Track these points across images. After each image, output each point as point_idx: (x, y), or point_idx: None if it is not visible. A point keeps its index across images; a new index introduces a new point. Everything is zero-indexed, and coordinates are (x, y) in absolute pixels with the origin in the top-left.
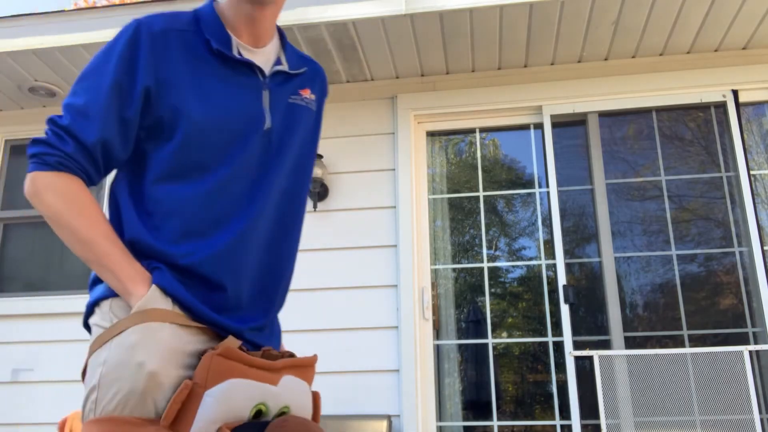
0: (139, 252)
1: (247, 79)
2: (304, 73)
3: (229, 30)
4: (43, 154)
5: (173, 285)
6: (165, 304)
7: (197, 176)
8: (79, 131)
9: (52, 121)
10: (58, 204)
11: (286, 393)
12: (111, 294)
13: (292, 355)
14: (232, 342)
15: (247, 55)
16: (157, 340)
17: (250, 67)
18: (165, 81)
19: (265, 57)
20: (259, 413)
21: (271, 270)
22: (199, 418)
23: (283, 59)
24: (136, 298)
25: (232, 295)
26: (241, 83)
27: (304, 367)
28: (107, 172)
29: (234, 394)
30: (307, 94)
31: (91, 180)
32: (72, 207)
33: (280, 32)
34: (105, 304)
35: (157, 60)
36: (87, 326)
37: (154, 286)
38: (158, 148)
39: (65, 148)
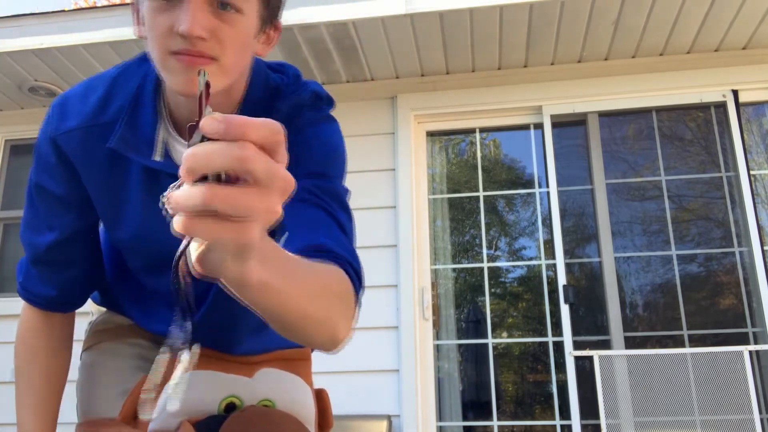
0: None
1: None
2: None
3: (167, 113)
4: None
5: None
6: None
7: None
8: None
9: None
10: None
11: (264, 385)
12: None
13: None
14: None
15: (179, 148)
16: None
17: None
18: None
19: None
20: (231, 407)
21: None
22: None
23: None
24: None
25: None
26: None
27: (294, 361)
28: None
29: (196, 386)
30: None
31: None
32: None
33: (250, 88)
34: None
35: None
36: None
37: None
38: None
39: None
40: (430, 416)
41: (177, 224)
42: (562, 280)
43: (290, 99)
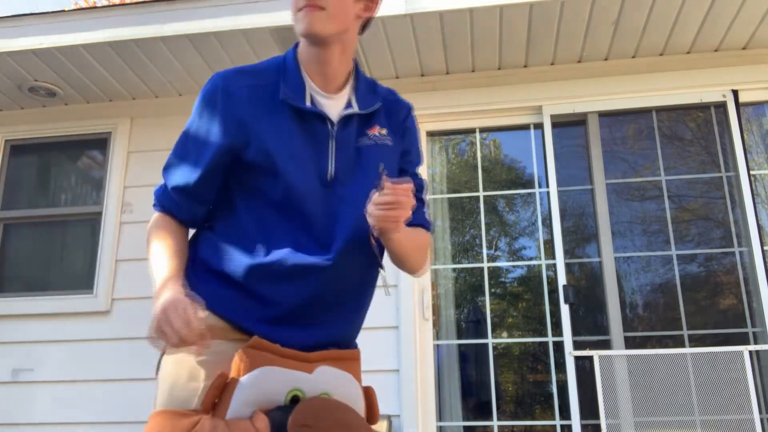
0: None
1: (315, 129)
2: (378, 110)
3: (306, 74)
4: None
5: None
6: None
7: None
8: (166, 180)
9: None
10: (149, 230)
11: (323, 381)
12: None
13: None
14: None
15: (320, 101)
16: None
17: (320, 117)
18: (244, 137)
19: (337, 101)
20: (296, 399)
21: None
22: (234, 402)
23: (354, 101)
24: None
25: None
26: (309, 133)
27: (345, 360)
28: (194, 210)
29: (266, 380)
30: (376, 131)
31: (178, 215)
32: (152, 232)
33: (357, 69)
34: None
35: (232, 118)
36: None
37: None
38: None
39: (156, 193)
40: (430, 416)
41: (390, 213)
42: (562, 280)
43: (391, 96)
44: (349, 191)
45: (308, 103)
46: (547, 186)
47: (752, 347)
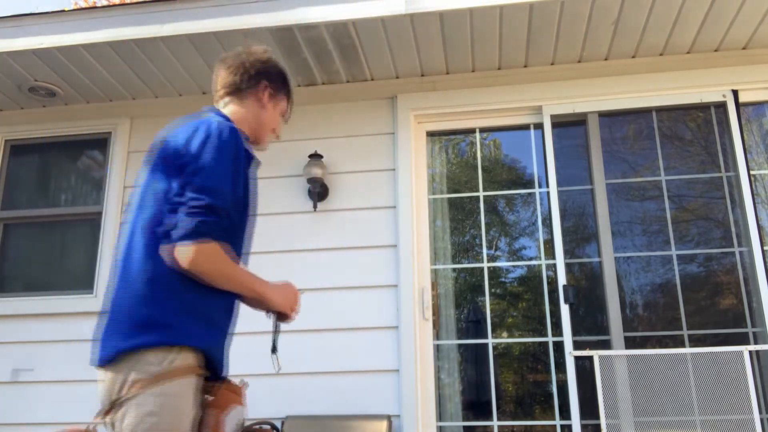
0: None
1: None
2: None
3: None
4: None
5: None
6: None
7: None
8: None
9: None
10: (227, 260)
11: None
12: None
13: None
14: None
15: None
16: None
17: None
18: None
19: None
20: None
21: None
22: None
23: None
24: None
25: None
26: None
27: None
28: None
29: (236, 416)
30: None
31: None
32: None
33: None
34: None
35: (247, 179)
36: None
37: None
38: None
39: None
40: (430, 416)
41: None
42: (562, 280)
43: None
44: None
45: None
46: (547, 186)
47: (752, 347)
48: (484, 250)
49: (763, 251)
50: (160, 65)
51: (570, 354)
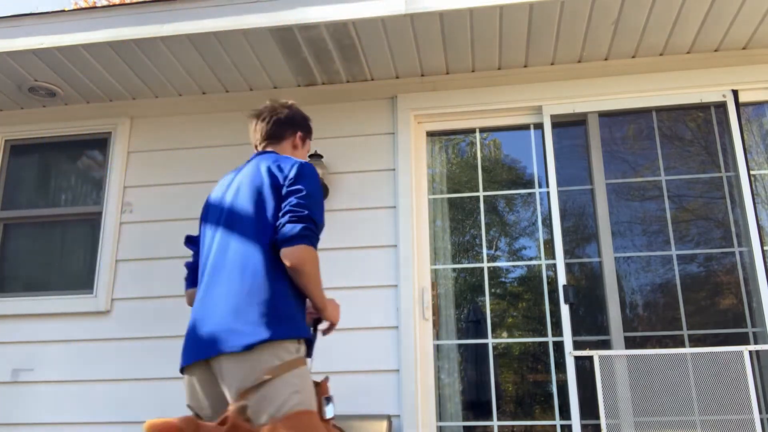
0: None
1: None
2: None
3: None
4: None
5: None
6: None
7: None
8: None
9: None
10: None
11: None
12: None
13: None
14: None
15: None
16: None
17: None
18: None
19: None
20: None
21: None
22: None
23: None
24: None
25: None
26: None
27: None
28: None
29: (330, 400)
30: None
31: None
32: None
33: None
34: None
35: None
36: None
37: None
38: None
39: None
40: (430, 416)
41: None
42: (562, 280)
43: None
44: None
45: None
46: (547, 186)
47: (752, 347)
48: (484, 250)
49: (763, 251)
50: (160, 65)
51: (570, 354)
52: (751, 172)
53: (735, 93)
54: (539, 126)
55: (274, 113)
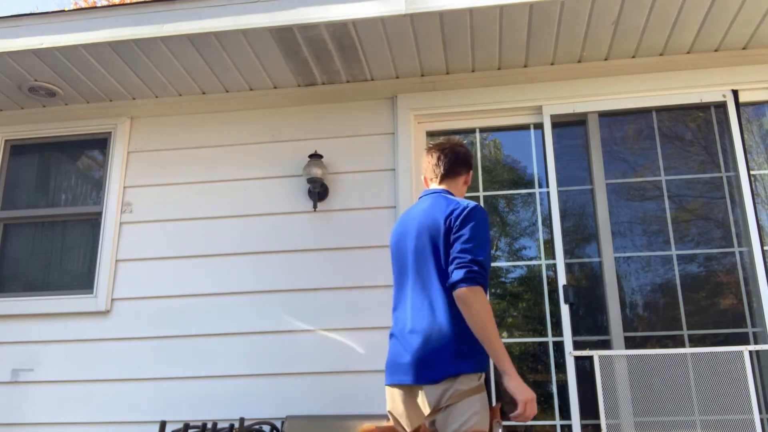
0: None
1: None
2: None
3: None
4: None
5: None
6: None
7: None
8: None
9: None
10: (488, 307)
11: None
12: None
13: None
14: None
15: None
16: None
17: None
18: None
19: None
20: None
21: None
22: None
23: None
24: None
25: None
26: None
27: None
28: None
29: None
30: None
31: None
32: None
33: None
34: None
35: None
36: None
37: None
38: None
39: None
40: None
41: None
42: (562, 280)
43: None
44: None
45: None
46: (547, 186)
47: (752, 347)
48: None
49: (763, 251)
50: (160, 65)
51: (570, 354)
52: (751, 172)
53: (735, 93)
54: (539, 126)
55: (454, 151)
